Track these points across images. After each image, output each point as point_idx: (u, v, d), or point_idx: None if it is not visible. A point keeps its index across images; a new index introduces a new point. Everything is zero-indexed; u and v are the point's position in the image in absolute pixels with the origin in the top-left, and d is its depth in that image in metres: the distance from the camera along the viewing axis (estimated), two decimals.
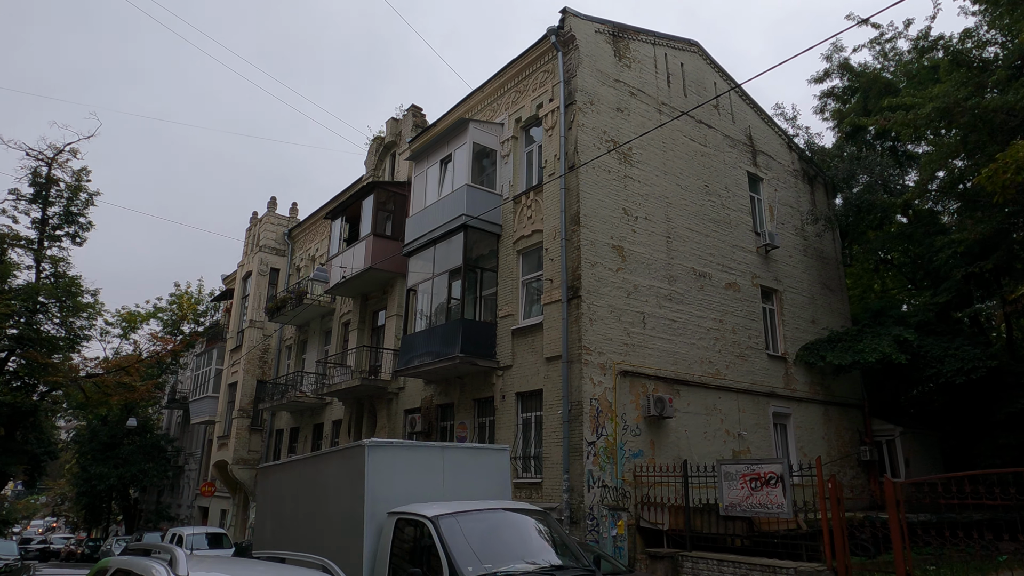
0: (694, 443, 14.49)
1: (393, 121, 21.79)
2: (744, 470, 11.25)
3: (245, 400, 25.72)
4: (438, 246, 16.18)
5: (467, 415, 15.57)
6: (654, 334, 14.49)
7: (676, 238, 15.72)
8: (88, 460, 33.23)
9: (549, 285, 13.98)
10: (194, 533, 19.17)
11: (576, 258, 13.60)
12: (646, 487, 13.15)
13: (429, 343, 15.44)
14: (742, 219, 17.65)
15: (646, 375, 13.99)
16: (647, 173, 15.53)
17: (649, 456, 13.60)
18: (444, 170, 16.95)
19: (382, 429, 18.31)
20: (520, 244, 15.17)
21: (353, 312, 21.17)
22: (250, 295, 27.17)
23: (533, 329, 14.20)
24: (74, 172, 22.25)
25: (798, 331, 18.19)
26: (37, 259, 21.47)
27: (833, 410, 18.27)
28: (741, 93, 19.07)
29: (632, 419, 13.54)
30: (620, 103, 15.49)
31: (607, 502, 12.56)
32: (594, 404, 12.89)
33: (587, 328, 13.18)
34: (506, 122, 16.46)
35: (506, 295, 15.18)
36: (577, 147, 14.21)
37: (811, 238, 19.84)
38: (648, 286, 14.70)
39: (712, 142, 17.56)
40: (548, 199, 14.55)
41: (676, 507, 12.51)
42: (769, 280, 17.83)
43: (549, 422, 13.27)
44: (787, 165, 19.97)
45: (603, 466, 12.71)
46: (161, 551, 4.28)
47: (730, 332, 16.21)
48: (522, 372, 14.24)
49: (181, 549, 4.08)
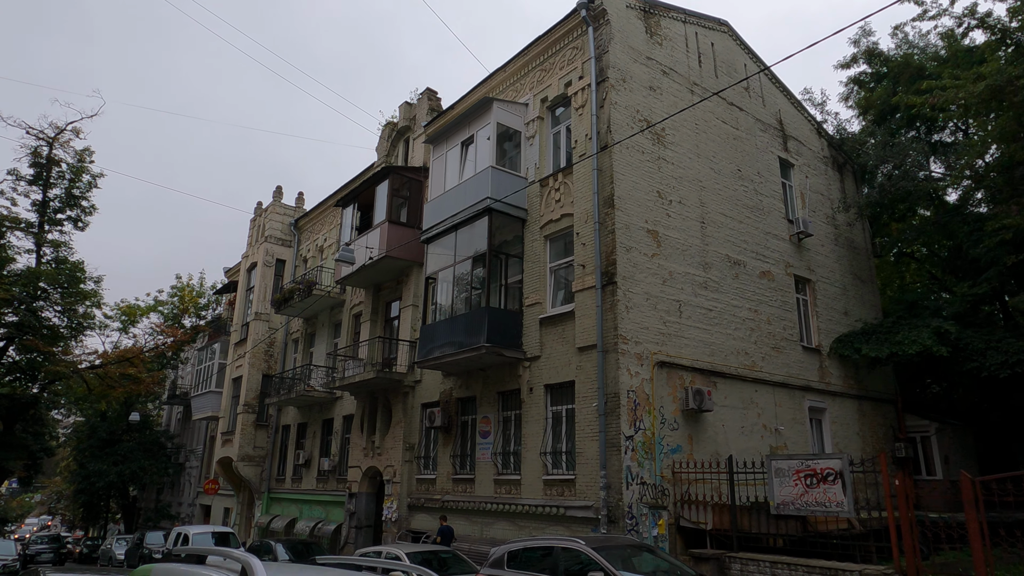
0: (732, 438, 13.79)
1: (407, 105, 21.01)
2: (798, 466, 10.53)
3: (250, 395, 24.92)
4: (460, 231, 15.42)
5: (490, 409, 14.83)
6: (690, 323, 13.77)
7: (710, 223, 15.00)
8: (86, 457, 32.33)
9: (581, 271, 13.24)
10: (200, 532, 18.39)
11: (610, 242, 12.87)
12: (685, 484, 12.43)
13: (451, 333, 14.68)
14: (775, 205, 16.95)
15: (683, 366, 13.28)
16: (680, 155, 14.80)
17: (687, 452, 12.89)
18: (465, 153, 16.19)
19: (398, 424, 17.55)
20: (548, 229, 14.42)
21: (365, 303, 20.39)
22: (255, 287, 26.36)
23: (563, 318, 13.47)
24: (76, 152, 21.29)
25: (831, 323, 17.50)
26: (38, 243, 20.44)
27: (867, 405, 17.59)
28: (771, 76, 18.37)
29: (669, 412, 12.82)
30: (652, 81, 14.76)
31: (646, 500, 11.84)
32: (631, 396, 12.16)
33: (623, 316, 12.45)
34: (531, 102, 15.70)
35: (533, 282, 14.44)
36: (610, 126, 13.47)
37: (841, 227, 19.15)
38: (683, 273, 13.97)
39: (744, 125, 16.85)
40: (579, 181, 13.81)
41: (720, 505, 11.80)
42: (802, 269, 17.13)
43: (582, 415, 12.54)
44: (817, 151, 19.28)
45: (641, 462, 11.98)
46: (226, 558, 3.45)
47: (765, 323, 15.50)
48: (551, 363, 13.50)
49: (255, 557, 3.25)
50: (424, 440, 17.11)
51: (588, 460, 12.22)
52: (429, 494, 16.13)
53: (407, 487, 16.89)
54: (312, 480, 21.75)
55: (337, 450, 20.66)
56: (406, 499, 16.78)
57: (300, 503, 22.15)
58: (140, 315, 33.03)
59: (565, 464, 12.91)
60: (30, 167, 20.77)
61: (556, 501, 12.58)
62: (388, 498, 17.16)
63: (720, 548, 11.41)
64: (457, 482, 15.31)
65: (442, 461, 15.97)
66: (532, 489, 13.26)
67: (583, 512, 11.96)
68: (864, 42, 21.56)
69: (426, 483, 16.44)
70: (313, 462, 21.86)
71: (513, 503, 13.51)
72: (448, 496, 15.33)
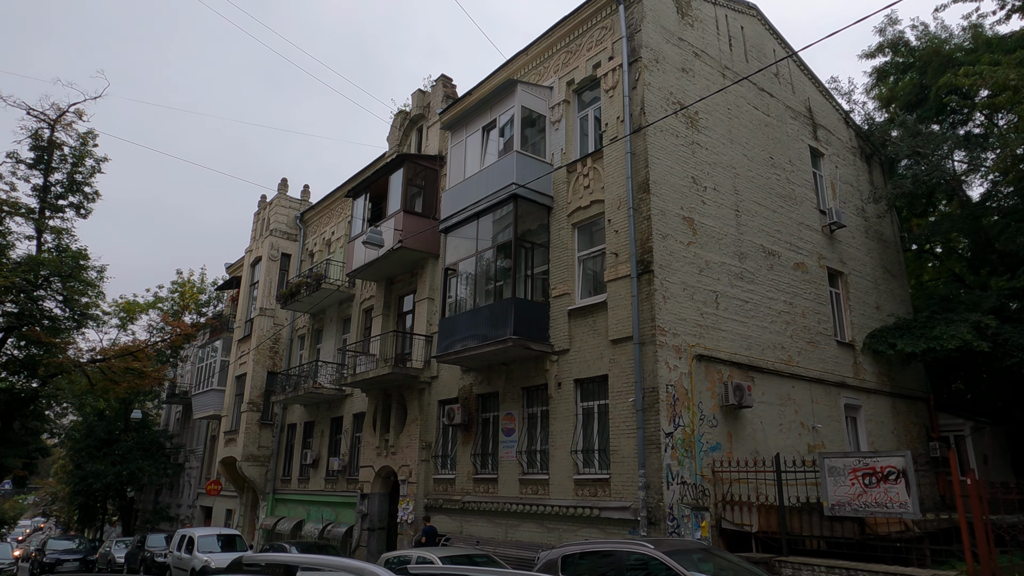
0: (770, 436, 13.15)
1: (420, 93, 20.34)
2: (854, 464, 9.88)
3: (255, 393, 24.17)
4: (482, 220, 14.75)
5: (514, 405, 14.15)
6: (727, 315, 13.12)
7: (745, 212, 14.36)
8: (83, 457, 31.45)
9: (614, 260, 12.58)
10: (206, 535, 17.64)
11: (646, 229, 12.21)
12: (726, 484, 11.78)
13: (474, 325, 14.00)
14: (806, 195, 16.33)
15: (720, 360, 12.62)
16: (714, 141, 14.16)
17: (727, 450, 12.23)
18: (487, 138, 15.52)
19: (413, 421, 16.84)
20: (576, 216, 13.75)
21: (376, 297, 19.68)
22: (260, 282, 25.61)
23: (594, 309, 12.80)
24: (79, 135, 20.41)
25: (864, 317, 16.88)
26: (38, 229, 19.54)
27: (900, 403, 16.98)
28: (799, 63, 17.77)
29: (708, 409, 12.16)
30: (685, 63, 14.12)
31: (686, 501, 11.18)
32: (670, 391, 11.50)
33: (660, 306, 11.79)
34: (556, 85, 15.05)
35: (560, 273, 13.76)
36: (644, 108, 12.82)
37: (871, 219, 18.55)
38: (719, 263, 13.33)
39: (775, 112, 16.24)
40: (610, 165, 13.15)
41: (767, 506, 11.14)
42: (834, 262, 16.52)
43: (617, 411, 11.87)
44: (845, 141, 18.68)
45: (681, 460, 11.32)
46: None
47: (800, 316, 14.87)
48: (581, 356, 12.83)
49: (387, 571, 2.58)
50: (441, 438, 16.41)
51: (624, 458, 11.55)
52: (448, 495, 15.43)
53: (424, 487, 16.18)
54: (320, 480, 21.01)
55: (347, 449, 19.93)
56: (423, 500, 16.07)
57: (307, 504, 21.41)
58: (139, 312, 32.19)
59: (598, 463, 12.23)
60: (30, 150, 19.93)
61: (589, 502, 11.90)
62: (403, 499, 16.45)
63: (767, 552, 10.75)
64: (478, 482, 14.62)
65: (461, 460, 15.27)
66: (561, 489, 12.58)
67: (620, 513, 11.28)
68: (890, 31, 21.02)
69: (444, 483, 15.74)
70: (321, 462, 21.13)
71: (540, 504, 12.83)
72: (469, 497, 14.64)
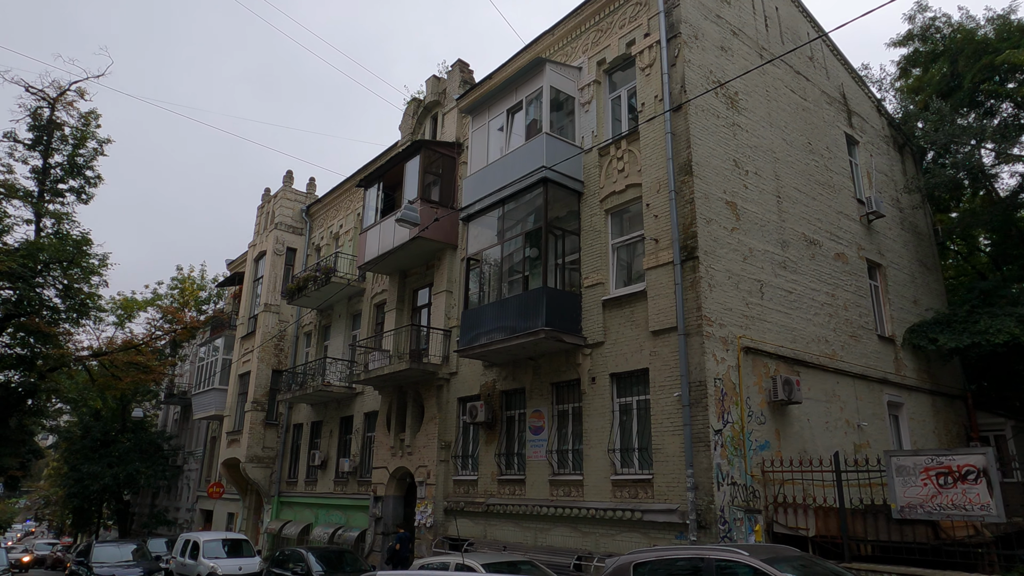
0: (817, 434, 12.41)
1: (435, 80, 19.57)
2: (926, 463, 9.13)
3: (259, 391, 23.29)
4: (507, 206, 13.98)
5: (542, 402, 13.36)
6: (771, 306, 12.38)
7: (786, 198, 13.64)
8: (79, 459, 30.44)
9: (654, 246, 11.82)
10: (211, 539, 16.77)
11: (689, 213, 11.46)
12: (776, 485, 11.01)
13: (501, 317, 13.21)
14: (844, 184, 15.63)
15: (767, 353, 11.88)
16: (754, 123, 13.44)
17: (775, 448, 11.48)
18: (512, 121, 14.75)
19: (431, 420, 16.03)
20: (609, 202, 12.99)
21: (389, 291, 18.88)
22: (264, 277, 24.76)
23: (631, 299, 12.03)
24: (81, 115, 19.37)
25: (902, 311, 16.18)
26: (37, 213, 18.53)
27: (939, 401, 16.27)
28: (832, 48, 17.08)
29: (756, 404, 11.41)
30: (723, 41, 13.40)
31: (737, 503, 10.41)
32: (718, 385, 10.74)
33: (706, 295, 11.03)
34: (585, 65, 14.30)
35: (592, 261, 13.00)
36: (684, 85, 12.08)
37: (906, 211, 17.87)
38: (763, 250, 12.59)
39: (811, 97, 15.54)
40: (648, 147, 12.40)
41: (825, 509, 10.37)
42: (873, 253, 15.81)
43: (659, 407, 11.10)
44: (879, 130, 18.00)
45: (731, 460, 10.55)
46: None
47: (842, 308, 14.15)
48: (618, 349, 12.05)
49: None
50: (461, 438, 15.61)
51: (668, 457, 10.77)
52: (469, 497, 14.62)
53: (443, 489, 15.37)
54: (329, 483, 20.15)
55: (359, 450, 19.09)
56: (442, 503, 15.26)
57: (315, 507, 20.54)
58: (138, 309, 31.22)
59: (638, 462, 11.45)
60: (29, 130, 18.83)
61: (629, 504, 11.12)
62: (421, 502, 15.62)
63: (826, 558, 9.97)
64: (504, 483, 13.82)
65: (484, 460, 14.47)
66: (597, 491, 11.79)
67: (665, 516, 10.50)
68: (920, 18, 20.36)
69: (465, 485, 14.92)
70: (330, 463, 20.28)
71: (574, 506, 12.03)
72: (493, 499, 13.83)
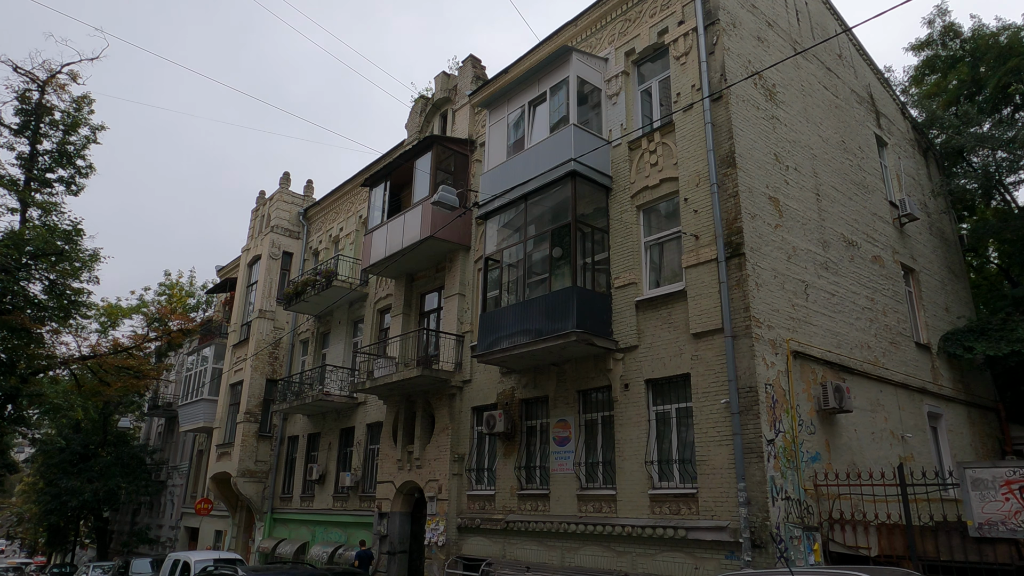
0: (864, 445, 11.63)
1: (444, 76, 18.82)
2: (1008, 475, 8.37)
3: (252, 402, 22.15)
4: (531, 202, 13.17)
5: (568, 411, 12.48)
6: (816, 308, 11.65)
7: (824, 197, 12.98)
8: (56, 473, 28.92)
9: (693, 243, 11.05)
10: (203, 559, 15.57)
11: (733, 208, 10.72)
12: (830, 500, 10.20)
13: (524, 320, 12.34)
14: (877, 185, 15.04)
15: (814, 358, 11.12)
16: (792, 117, 12.80)
17: (826, 460, 10.68)
18: (533, 114, 13.99)
19: (443, 431, 15.06)
20: (642, 198, 12.23)
21: (395, 295, 17.95)
22: (258, 282, 23.69)
23: (668, 299, 11.24)
24: (73, 99, 18.03)
25: (935, 318, 15.55)
26: (23, 202, 17.24)
27: (974, 412, 15.61)
28: (858, 47, 16.58)
29: (805, 413, 10.62)
30: (759, 32, 12.78)
31: (792, 519, 9.57)
32: (769, 391, 9.94)
33: (753, 294, 10.26)
34: (612, 56, 13.60)
35: (623, 260, 12.20)
36: (724, 74, 11.40)
37: (933, 216, 17.32)
38: (805, 250, 11.88)
39: (842, 95, 14.97)
40: (684, 139, 11.68)
41: (889, 526, 9.56)
42: (906, 257, 15.20)
43: (703, 415, 10.27)
44: (904, 133, 17.50)
45: (784, 472, 9.73)
46: None
47: (881, 314, 13.46)
48: (654, 353, 11.23)
49: None
50: (476, 450, 14.65)
51: (715, 470, 9.93)
52: (486, 513, 13.65)
53: (456, 505, 14.38)
54: (327, 498, 19.04)
55: (360, 463, 18.03)
56: (455, 519, 14.26)
57: (312, 525, 19.39)
58: (122, 316, 29.90)
59: (679, 475, 10.59)
60: (16, 115, 17.52)
61: (670, 521, 10.23)
62: (432, 519, 14.61)
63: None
64: (525, 499, 12.87)
65: (503, 474, 13.52)
66: (633, 506, 10.90)
67: (713, 534, 9.63)
68: (939, 22, 20.02)
69: (481, 500, 13.96)
70: (329, 477, 19.17)
71: (606, 523, 11.12)
72: (513, 516, 12.88)
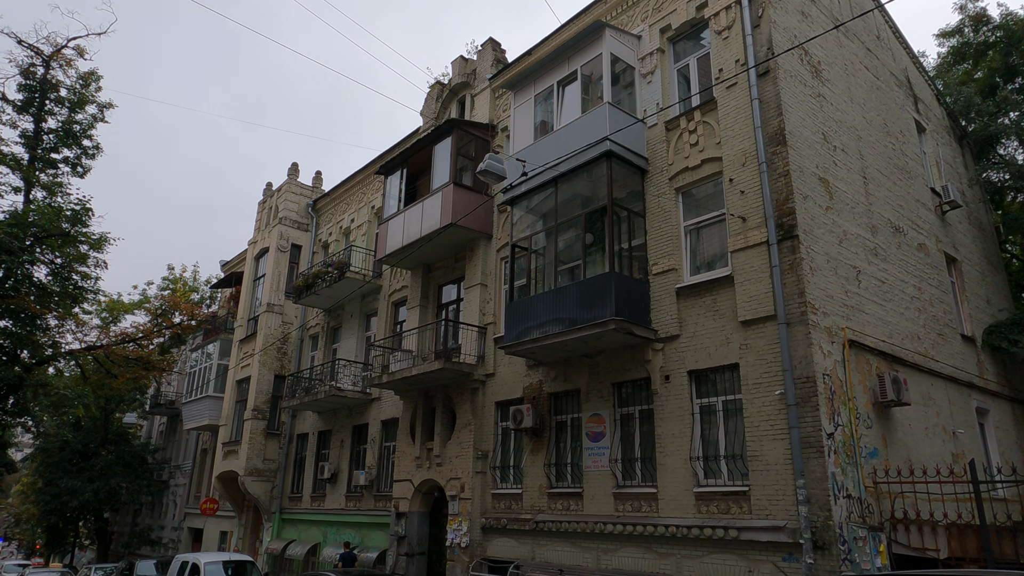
0: (918, 441, 10.99)
1: (462, 60, 18.18)
2: None
3: (260, 398, 21.46)
4: (562, 185, 12.53)
5: (602, 405, 11.83)
6: (868, 296, 11.02)
7: (871, 180, 12.35)
8: (56, 472, 28.17)
9: (740, 225, 10.41)
10: (212, 561, 14.91)
11: (784, 188, 10.09)
12: (890, 498, 9.56)
13: (557, 308, 11.69)
14: (918, 171, 14.42)
15: (868, 348, 10.48)
16: (837, 96, 12.17)
17: (883, 456, 10.03)
18: (562, 94, 13.36)
19: (464, 427, 14.40)
20: (681, 179, 11.59)
21: (411, 287, 17.30)
22: (266, 275, 23.03)
23: (712, 286, 10.60)
24: (80, 75, 17.10)
25: (978, 311, 14.93)
26: (27, 181, 16.45)
27: (1018, 408, 14.99)
28: (894, 28, 15.97)
29: (861, 405, 9.98)
30: (803, 7, 12.15)
31: (853, 519, 8.93)
32: (827, 382, 9.30)
33: (808, 279, 9.62)
34: (645, 34, 12.98)
35: (661, 246, 11.56)
36: (772, 47, 10.77)
37: (971, 204, 16.71)
38: (855, 234, 11.25)
39: (882, 76, 14.35)
40: (729, 116, 11.05)
41: (960, 526, 8.93)
42: (949, 247, 14.59)
43: (755, 408, 9.62)
44: (940, 119, 16.89)
45: (844, 468, 9.09)
46: None
47: (928, 304, 12.84)
48: (697, 343, 10.58)
49: None
50: (501, 447, 14.00)
51: (769, 466, 9.28)
52: (512, 512, 12.99)
53: (480, 505, 13.71)
54: (340, 498, 18.35)
55: (375, 461, 17.35)
56: (479, 520, 13.59)
57: (324, 525, 18.70)
58: (124, 312, 29.17)
59: (727, 472, 9.94)
60: (19, 91, 16.71)
61: (720, 520, 9.58)
62: (454, 518, 13.94)
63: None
64: (555, 497, 12.22)
65: (531, 472, 12.86)
66: (676, 505, 10.25)
67: (769, 535, 8.98)
68: (971, 7, 19.44)
69: (507, 499, 13.30)
70: (341, 476, 18.49)
71: (647, 523, 10.46)
72: (543, 516, 12.21)
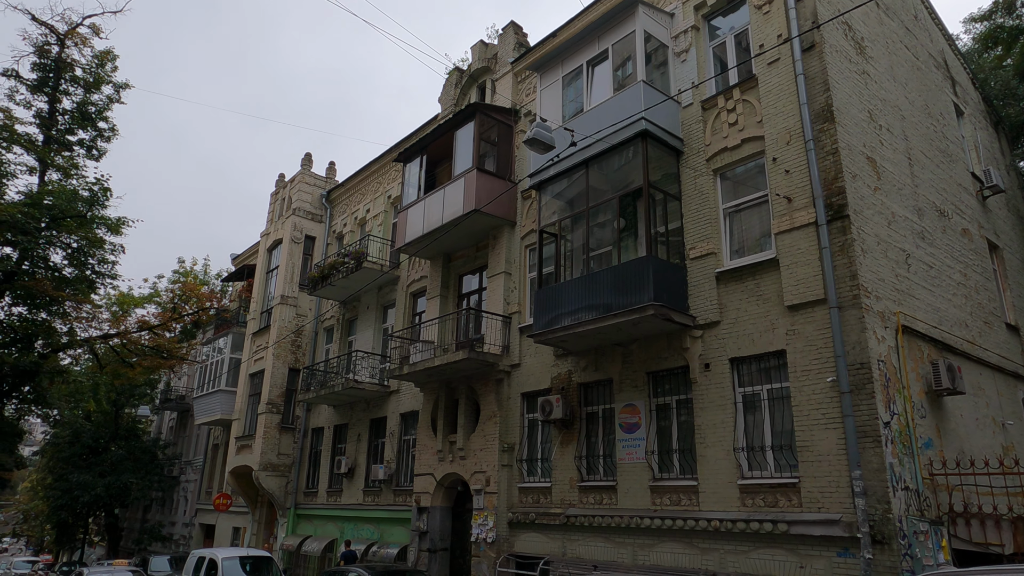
0: (969, 432, 10.54)
1: (482, 45, 17.76)
2: None
3: (275, 392, 21.08)
4: (593, 167, 12.10)
5: (636, 395, 11.39)
6: (917, 280, 10.56)
7: (915, 162, 11.89)
8: (66, 468, 27.87)
9: (786, 206, 9.96)
10: (230, 557, 14.52)
11: (832, 166, 9.63)
12: (947, 490, 9.11)
13: (590, 294, 11.26)
14: (959, 154, 13.95)
15: (920, 334, 10.03)
16: (880, 74, 11.70)
17: (938, 447, 9.58)
18: (592, 74, 12.92)
19: (489, 419, 13.98)
20: (719, 160, 11.14)
21: (431, 277, 16.88)
22: (280, 267, 22.65)
23: (755, 269, 10.15)
24: (95, 55, 16.82)
25: (1020, 299, 14.45)
26: (42, 161, 16.05)
27: None
28: (930, 9, 15.47)
29: (915, 393, 9.53)
30: None
31: (912, 512, 8.48)
32: (882, 368, 8.85)
33: (860, 261, 9.18)
34: (679, 11, 12.53)
35: (699, 229, 11.11)
36: (817, 21, 10.31)
37: (1009, 191, 16.21)
38: (903, 216, 10.80)
39: (921, 57, 13.88)
40: (771, 93, 10.59)
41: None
42: (990, 233, 14.12)
43: (804, 396, 9.18)
44: (977, 103, 16.39)
45: (901, 459, 8.64)
46: None
47: (974, 291, 12.38)
48: (740, 329, 10.14)
49: None
50: (527, 439, 13.58)
51: (820, 456, 8.84)
52: (541, 507, 12.58)
53: (506, 499, 13.30)
54: (358, 492, 17.97)
55: (394, 455, 16.96)
56: (506, 514, 13.18)
57: (341, 521, 18.32)
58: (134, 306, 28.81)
59: (774, 463, 9.50)
60: (33, 70, 16.36)
61: (767, 514, 9.14)
62: (479, 513, 13.53)
63: None
64: (587, 491, 11.79)
65: (560, 464, 12.45)
66: (719, 498, 9.81)
67: (822, 529, 8.54)
68: None
69: (535, 493, 12.88)
70: (359, 471, 18.11)
71: (686, 517, 10.04)
72: (573, 510, 11.79)
